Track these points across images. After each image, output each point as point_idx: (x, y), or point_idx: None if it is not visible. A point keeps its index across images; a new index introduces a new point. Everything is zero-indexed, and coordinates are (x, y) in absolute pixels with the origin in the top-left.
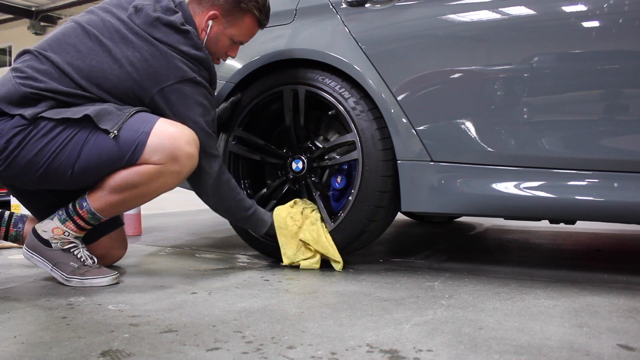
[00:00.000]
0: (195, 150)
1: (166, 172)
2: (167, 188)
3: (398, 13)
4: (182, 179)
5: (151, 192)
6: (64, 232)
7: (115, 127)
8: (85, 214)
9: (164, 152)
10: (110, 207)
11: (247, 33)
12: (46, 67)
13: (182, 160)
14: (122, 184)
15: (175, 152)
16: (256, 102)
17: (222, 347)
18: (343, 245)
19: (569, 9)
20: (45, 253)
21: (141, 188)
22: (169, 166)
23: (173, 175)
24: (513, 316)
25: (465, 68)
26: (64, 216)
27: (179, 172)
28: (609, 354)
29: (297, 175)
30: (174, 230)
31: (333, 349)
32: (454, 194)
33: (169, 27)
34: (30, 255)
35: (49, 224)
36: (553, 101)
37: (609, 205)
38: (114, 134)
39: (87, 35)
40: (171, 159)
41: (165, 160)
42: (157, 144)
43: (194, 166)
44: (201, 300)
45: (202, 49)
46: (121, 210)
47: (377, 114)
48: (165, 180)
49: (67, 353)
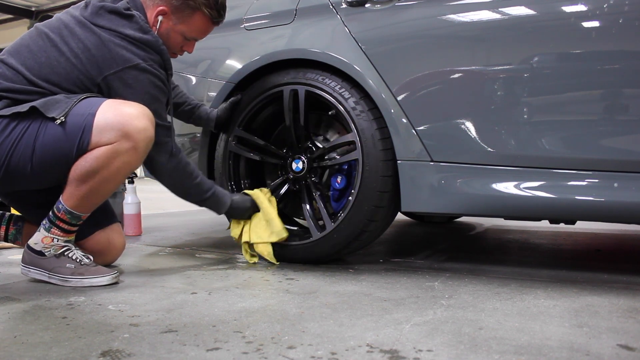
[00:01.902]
0: (148, 123)
1: (121, 150)
2: (129, 167)
3: (398, 13)
4: (140, 155)
5: (114, 175)
6: (52, 239)
7: (62, 114)
8: (63, 216)
9: (112, 130)
10: (82, 201)
11: (199, 30)
12: (2, 70)
13: (133, 135)
14: (84, 173)
15: (124, 127)
16: (256, 102)
17: (222, 347)
18: (343, 245)
19: (569, 9)
20: (41, 263)
21: (102, 172)
22: (122, 144)
23: (129, 153)
24: (513, 316)
25: (465, 68)
26: (47, 224)
27: (135, 148)
28: (609, 354)
29: (297, 176)
30: (174, 230)
31: (333, 349)
32: (454, 194)
33: (112, 14)
34: (27, 270)
35: (37, 236)
36: (553, 101)
37: (609, 205)
38: (60, 121)
39: (39, 35)
40: (122, 135)
41: (116, 138)
42: (104, 123)
43: (149, 139)
44: (201, 300)
45: (149, 32)
46: (95, 202)
47: (377, 114)
48: (124, 159)
49: (67, 353)
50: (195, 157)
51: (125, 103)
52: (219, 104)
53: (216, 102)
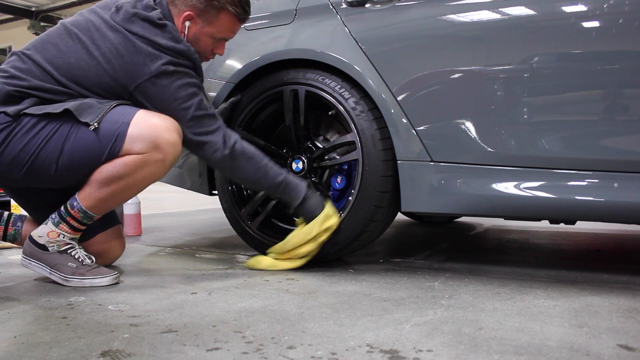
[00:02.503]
0: (177, 138)
1: (150, 160)
2: (153, 178)
3: (398, 13)
4: (167, 167)
5: (138, 183)
6: (59, 234)
7: (96, 120)
8: (77, 214)
9: (145, 141)
10: (100, 203)
11: (227, 29)
12: (28, 66)
13: (164, 147)
14: (108, 177)
15: (156, 140)
16: (256, 102)
17: (222, 347)
18: (343, 245)
19: (569, 9)
20: (43, 257)
21: (127, 179)
22: (152, 155)
23: (157, 164)
24: (513, 316)
25: (465, 68)
26: (57, 219)
27: (163, 160)
28: (609, 354)
29: (297, 175)
30: (174, 230)
31: (333, 349)
32: (454, 194)
33: (146, 22)
34: (28, 262)
35: (43, 229)
36: (553, 101)
37: (609, 205)
38: (94, 127)
39: (68, 34)
40: (153, 147)
41: (148, 149)
42: (138, 133)
43: (177, 153)
44: (201, 300)
45: (181, 42)
46: (111, 206)
47: (377, 114)
48: (150, 170)
49: (67, 353)
50: (196, 157)
51: (158, 115)
52: (219, 104)
53: (216, 102)
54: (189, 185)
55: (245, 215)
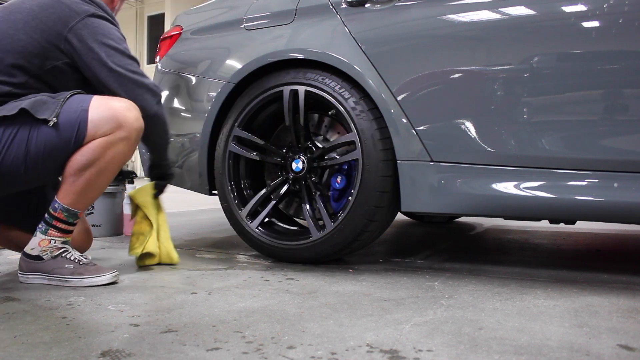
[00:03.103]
0: (138, 114)
1: (115, 140)
2: (122, 157)
3: (398, 13)
4: (133, 144)
5: (109, 165)
6: (50, 241)
7: (53, 115)
8: (60, 215)
9: (107, 122)
10: (79, 197)
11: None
12: None
13: (127, 125)
14: (80, 166)
15: (117, 119)
16: (256, 102)
17: (222, 347)
18: (343, 245)
19: (569, 9)
20: (38, 267)
21: (98, 164)
22: (117, 134)
23: (123, 143)
24: (513, 316)
25: (465, 68)
26: (44, 227)
27: (128, 138)
28: (609, 354)
29: (297, 175)
30: (174, 230)
31: (333, 349)
32: (454, 194)
33: None
34: (26, 277)
35: (33, 240)
36: (553, 101)
37: (609, 205)
38: (53, 122)
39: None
40: (116, 126)
41: (112, 129)
42: (98, 117)
43: (140, 129)
44: (201, 300)
45: None
46: (91, 197)
47: (377, 114)
48: (117, 149)
49: (67, 353)
50: (195, 157)
51: (113, 98)
52: (219, 104)
53: (216, 102)
54: (188, 185)
55: (245, 215)
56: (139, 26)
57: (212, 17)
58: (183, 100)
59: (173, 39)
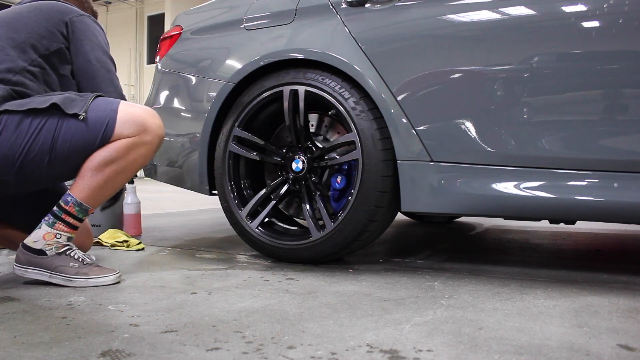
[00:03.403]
0: (161, 122)
1: (140, 143)
2: (142, 160)
3: (398, 13)
4: (154, 149)
5: (129, 166)
6: (56, 235)
7: (83, 110)
8: (72, 209)
9: (134, 124)
10: (95, 192)
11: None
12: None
13: (152, 130)
14: (102, 162)
15: (144, 123)
16: (256, 102)
17: (222, 347)
18: (343, 245)
19: (569, 9)
20: (41, 262)
21: (120, 162)
22: (142, 137)
23: (146, 146)
24: (513, 316)
25: (465, 68)
26: (51, 219)
27: (151, 143)
28: (609, 354)
29: (297, 175)
30: (174, 230)
31: (333, 349)
32: (454, 194)
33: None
34: (24, 271)
35: (37, 233)
36: (553, 101)
37: (609, 205)
38: (83, 116)
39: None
40: (142, 130)
41: (138, 132)
42: (127, 118)
43: (162, 136)
44: (201, 300)
45: None
46: (106, 195)
47: (377, 114)
48: (140, 152)
49: (67, 353)
50: (195, 157)
51: (139, 106)
52: (219, 104)
53: (216, 102)
54: (189, 185)
55: (245, 215)
56: (139, 26)
57: (212, 17)
58: (183, 100)
59: (173, 39)
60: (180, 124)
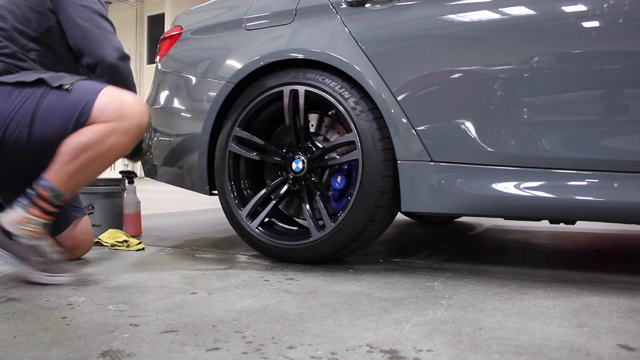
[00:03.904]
0: (143, 109)
1: (116, 129)
2: (120, 148)
3: (398, 13)
4: (132, 138)
5: (105, 154)
6: (28, 219)
7: (69, 84)
8: (46, 193)
9: (111, 109)
10: (69, 178)
11: None
12: None
13: (129, 117)
14: (77, 147)
15: (122, 109)
16: (256, 102)
17: (222, 347)
18: (343, 245)
19: (569, 9)
20: (12, 248)
21: (95, 149)
22: (119, 123)
23: (123, 133)
24: (513, 316)
25: (465, 68)
26: (25, 202)
27: (128, 131)
28: (609, 354)
29: (297, 175)
30: (174, 230)
31: (333, 349)
32: (454, 194)
33: None
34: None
35: (11, 214)
36: (553, 101)
37: (609, 205)
38: (68, 87)
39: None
40: (119, 116)
41: (114, 117)
42: (105, 103)
43: (142, 125)
44: (201, 300)
45: None
46: (80, 182)
47: (377, 114)
48: (117, 139)
49: (67, 353)
50: (195, 157)
51: (124, 91)
52: (219, 104)
53: (216, 102)
54: (189, 185)
55: (245, 215)
56: (139, 26)
57: (212, 17)
58: (183, 100)
59: (173, 39)
60: (180, 124)
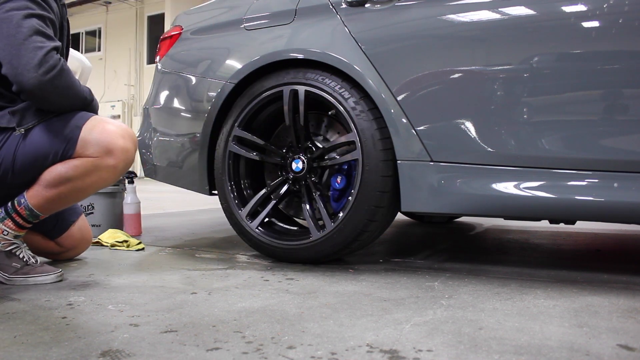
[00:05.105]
0: (131, 145)
1: (101, 165)
2: (103, 183)
3: (398, 13)
4: (118, 173)
5: (87, 187)
6: (3, 231)
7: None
8: (23, 211)
9: (98, 145)
10: (47, 203)
11: None
12: None
13: (116, 153)
14: (57, 178)
15: (109, 145)
16: (256, 102)
17: (222, 347)
18: (343, 245)
19: (569, 9)
20: None
21: (76, 182)
22: (105, 159)
23: (109, 170)
24: (513, 316)
25: (465, 68)
26: (2, 215)
27: (115, 167)
28: (609, 354)
29: (297, 175)
30: (174, 230)
31: (333, 349)
32: (453, 194)
33: None
34: None
35: None
36: (553, 101)
37: (609, 205)
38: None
39: None
40: (106, 152)
41: (100, 153)
42: (91, 137)
43: (129, 160)
44: (201, 300)
45: None
46: (58, 207)
47: (377, 114)
48: (101, 175)
49: (67, 353)
50: (195, 157)
51: (113, 122)
52: (219, 104)
53: (216, 102)
54: (188, 185)
55: (245, 215)
56: (139, 26)
57: (212, 17)
58: (183, 100)
59: (173, 39)
60: (180, 124)
